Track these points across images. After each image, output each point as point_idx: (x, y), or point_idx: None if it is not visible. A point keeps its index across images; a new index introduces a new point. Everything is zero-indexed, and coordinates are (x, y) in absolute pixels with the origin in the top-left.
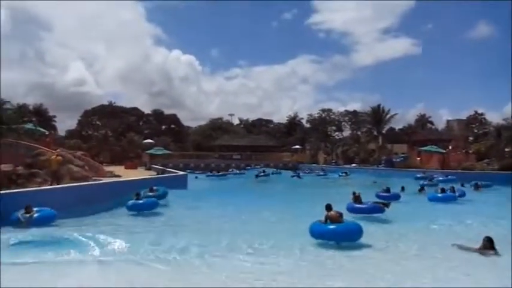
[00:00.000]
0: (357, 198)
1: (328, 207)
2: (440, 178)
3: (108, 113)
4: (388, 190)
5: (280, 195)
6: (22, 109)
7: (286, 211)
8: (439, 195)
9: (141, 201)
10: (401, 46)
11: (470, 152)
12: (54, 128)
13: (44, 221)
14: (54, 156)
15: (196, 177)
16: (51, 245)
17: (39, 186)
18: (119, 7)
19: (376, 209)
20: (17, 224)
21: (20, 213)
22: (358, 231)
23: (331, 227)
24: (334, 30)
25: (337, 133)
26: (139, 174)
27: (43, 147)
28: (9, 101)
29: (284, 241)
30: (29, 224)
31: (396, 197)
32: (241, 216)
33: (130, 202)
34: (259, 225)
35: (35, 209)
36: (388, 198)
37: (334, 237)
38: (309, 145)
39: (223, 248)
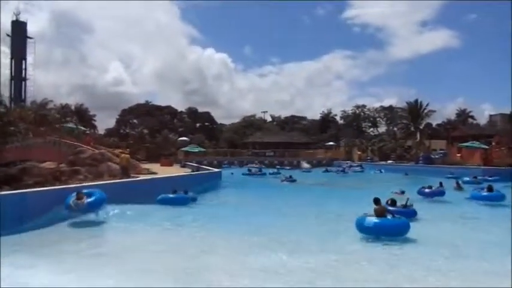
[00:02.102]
0: (392, 202)
1: (376, 201)
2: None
3: (144, 112)
4: (430, 187)
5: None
6: (64, 109)
7: None
8: (484, 193)
9: (172, 196)
10: (439, 38)
11: None
12: (94, 127)
13: (95, 206)
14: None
15: (232, 174)
16: None
17: (80, 183)
18: (155, 8)
19: None
20: (70, 209)
21: (72, 200)
22: (404, 227)
23: (376, 220)
24: (369, 24)
25: (372, 129)
26: (175, 171)
27: (84, 145)
28: (52, 101)
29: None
30: (81, 210)
31: (441, 193)
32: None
33: (162, 196)
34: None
35: (85, 190)
36: (432, 195)
37: (379, 231)
38: (343, 142)
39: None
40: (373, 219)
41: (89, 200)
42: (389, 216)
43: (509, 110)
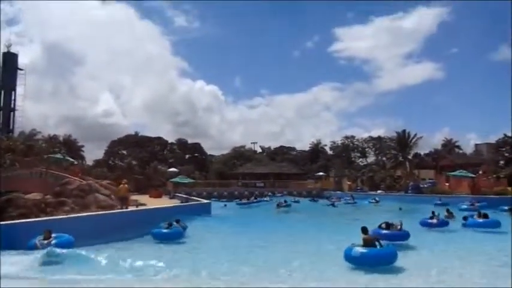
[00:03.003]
0: (387, 226)
1: (364, 230)
2: (464, 206)
3: (134, 143)
4: (432, 217)
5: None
6: (52, 140)
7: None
8: (480, 220)
9: (166, 230)
10: (424, 71)
11: (502, 176)
12: (82, 158)
13: (61, 247)
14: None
15: (225, 205)
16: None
17: (66, 215)
18: (146, 41)
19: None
20: (34, 249)
21: (38, 239)
22: (391, 256)
23: (363, 251)
24: (355, 57)
25: (361, 159)
26: (164, 202)
27: (71, 176)
28: (40, 132)
29: None
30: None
31: (444, 224)
32: None
33: (156, 230)
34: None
35: (53, 235)
36: (434, 226)
37: (366, 261)
38: (332, 172)
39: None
40: (360, 250)
41: (56, 240)
42: (378, 246)
43: (494, 139)
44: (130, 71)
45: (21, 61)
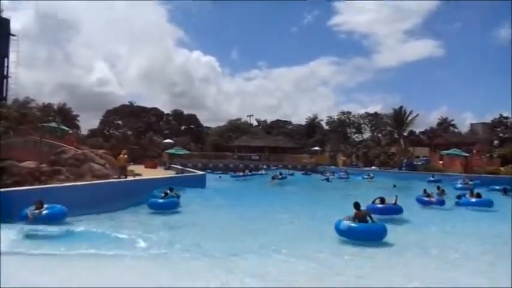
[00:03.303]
0: (382, 201)
1: (356, 206)
2: (459, 185)
3: (129, 113)
4: (429, 195)
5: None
6: (47, 108)
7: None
8: (473, 200)
9: (161, 201)
10: (424, 48)
11: (495, 156)
12: (77, 127)
13: (53, 218)
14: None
15: (220, 177)
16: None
17: (61, 183)
18: (142, 9)
19: None
20: (25, 219)
21: (29, 210)
22: (382, 232)
23: (351, 225)
24: (355, 31)
25: (356, 135)
26: (159, 173)
27: (66, 145)
28: (34, 100)
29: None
30: (36, 220)
31: (442, 203)
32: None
33: (152, 200)
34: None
35: (45, 205)
36: (432, 204)
37: (353, 235)
38: (328, 147)
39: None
40: (348, 223)
41: (48, 211)
42: (370, 221)
43: (490, 119)
44: (126, 40)
45: (14, 27)
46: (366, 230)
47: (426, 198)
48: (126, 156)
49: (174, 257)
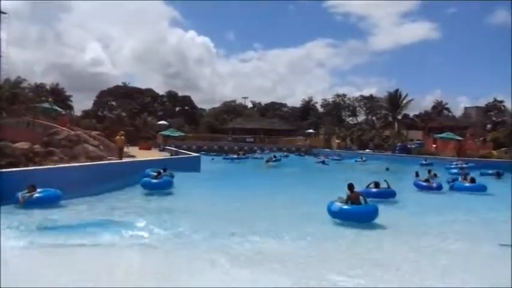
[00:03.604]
0: (376, 185)
1: (350, 187)
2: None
3: (123, 94)
4: (427, 180)
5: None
6: (39, 88)
7: None
8: (467, 184)
9: (155, 181)
10: (420, 30)
11: (488, 139)
12: (70, 108)
13: (46, 201)
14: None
15: (212, 159)
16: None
17: (55, 165)
18: None
19: None
20: (17, 203)
21: (21, 193)
22: (373, 212)
23: (343, 206)
24: (351, 13)
25: (351, 118)
26: (154, 155)
27: (59, 126)
28: (25, 80)
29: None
30: (28, 203)
31: (440, 188)
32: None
33: (145, 180)
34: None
35: (39, 189)
36: (430, 189)
37: (346, 216)
38: (322, 130)
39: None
40: (339, 205)
41: (42, 194)
42: (363, 202)
43: (484, 103)
44: (119, 20)
45: (3, 5)
46: (358, 211)
47: (425, 183)
48: (123, 137)
49: (168, 244)
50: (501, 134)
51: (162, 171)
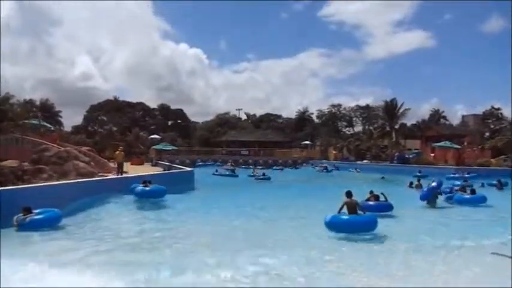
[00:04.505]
0: (375, 198)
1: (348, 194)
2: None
3: (114, 108)
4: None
5: None
6: (28, 104)
7: None
8: (467, 196)
9: (148, 188)
10: (415, 39)
11: (486, 147)
12: (59, 124)
13: (43, 224)
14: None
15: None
16: None
17: (45, 182)
18: (127, 0)
19: None
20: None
21: (16, 216)
22: (372, 223)
23: (344, 218)
24: (345, 22)
25: (348, 128)
26: (146, 170)
27: (49, 143)
28: (14, 96)
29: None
30: (22, 227)
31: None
32: None
33: (139, 189)
34: None
35: (36, 210)
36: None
37: (347, 228)
38: (319, 141)
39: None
40: (329, 215)
41: (36, 216)
42: (360, 212)
43: (481, 110)
44: (110, 33)
45: None
46: (355, 221)
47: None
48: (123, 152)
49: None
50: (499, 142)
51: (148, 183)
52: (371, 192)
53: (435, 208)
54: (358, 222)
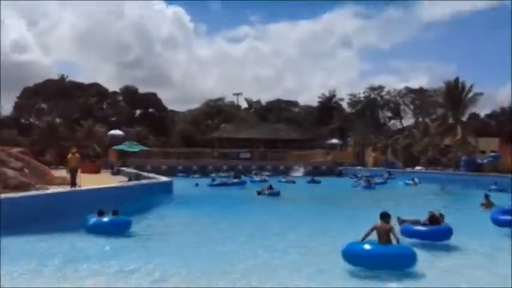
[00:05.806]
0: (436, 220)
1: (384, 216)
2: None
3: (58, 92)
4: None
5: None
6: None
7: None
8: None
9: (106, 220)
10: None
11: None
12: None
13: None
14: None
15: (196, 185)
16: None
17: None
18: None
19: None
20: None
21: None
22: (406, 257)
23: (367, 247)
24: None
25: (393, 121)
26: (104, 181)
27: None
28: None
29: None
30: None
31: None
32: None
33: (93, 220)
34: None
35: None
36: None
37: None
38: (352, 139)
39: None
40: (346, 244)
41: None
42: (394, 241)
43: None
44: None
45: None
46: (381, 253)
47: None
48: (77, 155)
49: None
50: None
51: (110, 213)
52: (430, 212)
53: None
54: (384, 254)
